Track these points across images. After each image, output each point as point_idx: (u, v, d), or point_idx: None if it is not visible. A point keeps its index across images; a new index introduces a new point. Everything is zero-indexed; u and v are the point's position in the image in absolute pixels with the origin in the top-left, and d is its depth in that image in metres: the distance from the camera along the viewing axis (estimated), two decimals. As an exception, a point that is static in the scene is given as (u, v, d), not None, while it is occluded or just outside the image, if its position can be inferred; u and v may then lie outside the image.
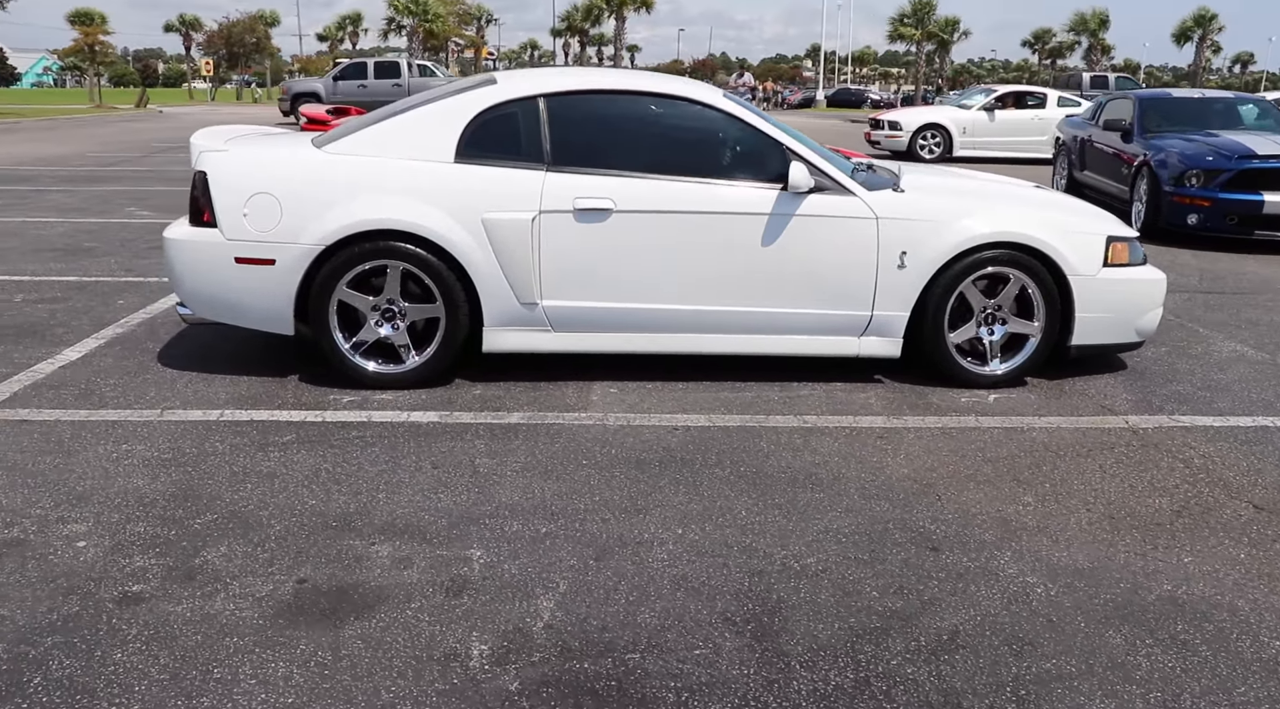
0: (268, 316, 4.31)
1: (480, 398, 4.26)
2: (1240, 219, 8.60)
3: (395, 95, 24.03)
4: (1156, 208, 9.09)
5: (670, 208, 4.27)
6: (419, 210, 4.17)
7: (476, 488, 3.33)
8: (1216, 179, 8.66)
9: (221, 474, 3.41)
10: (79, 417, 3.93)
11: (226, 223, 4.21)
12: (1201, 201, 8.72)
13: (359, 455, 3.59)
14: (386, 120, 4.39)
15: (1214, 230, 8.67)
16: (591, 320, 4.37)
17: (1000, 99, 18.18)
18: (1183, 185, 8.84)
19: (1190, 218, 8.78)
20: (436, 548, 2.90)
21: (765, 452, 3.73)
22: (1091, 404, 4.38)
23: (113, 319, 5.43)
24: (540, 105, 4.35)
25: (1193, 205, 8.78)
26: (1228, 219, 8.63)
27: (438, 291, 4.25)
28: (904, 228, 4.37)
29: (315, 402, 4.16)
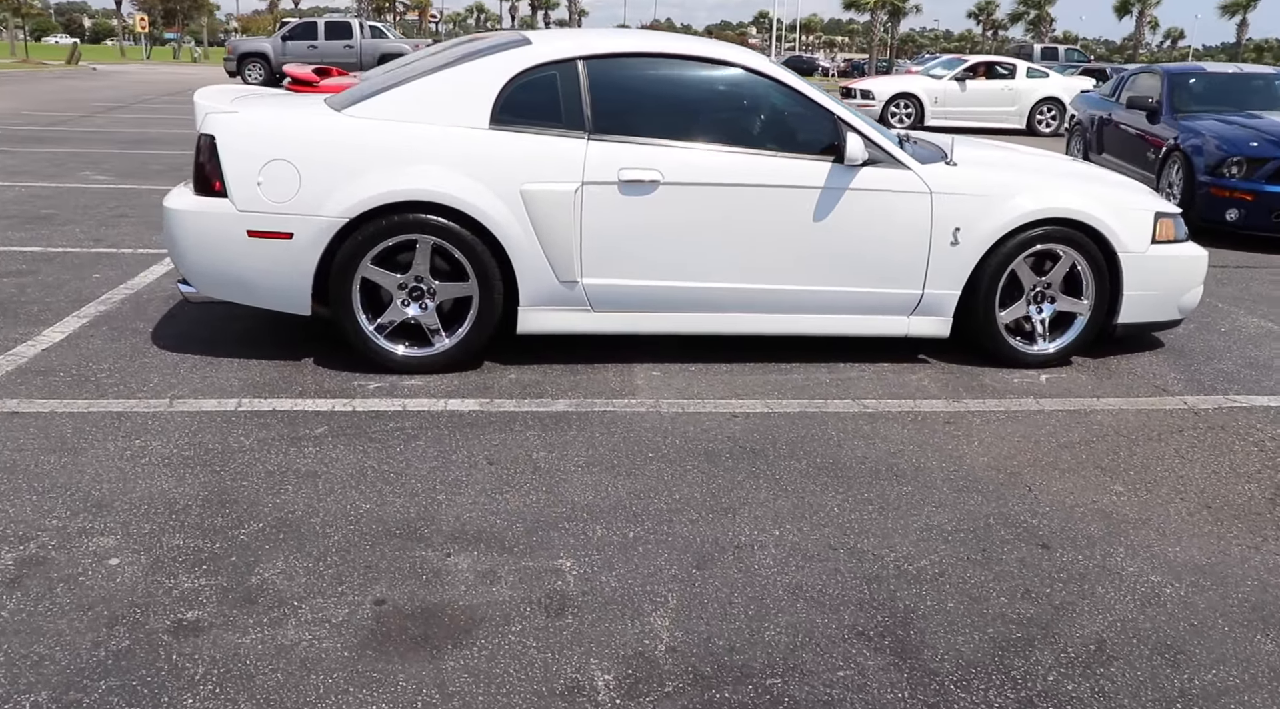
0: (283, 295, 3.96)
1: (518, 383, 3.98)
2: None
3: (347, 57, 23.18)
4: (1189, 199, 7.90)
5: (719, 181, 4.00)
6: (453, 180, 3.85)
7: (544, 487, 3.07)
8: (1261, 169, 7.48)
9: (255, 474, 3.09)
10: (78, 408, 3.55)
11: (238, 192, 3.83)
12: (1243, 195, 7.52)
13: (404, 450, 3.30)
14: (412, 82, 4.03)
15: (1257, 228, 7.56)
16: (634, 299, 4.10)
17: (971, 69, 18.16)
18: (1221, 175, 7.67)
19: (1230, 213, 7.61)
20: (520, 559, 2.64)
21: (835, 440, 3.52)
22: (1144, 384, 4.27)
23: (92, 294, 4.99)
24: (579, 68, 4.04)
25: (1233, 198, 7.59)
26: (1274, 216, 7.46)
27: (471, 268, 3.94)
28: (958, 203, 4.17)
29: (340, 388, 3.84)
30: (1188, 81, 9.41)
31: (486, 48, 4.22)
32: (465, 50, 4.35)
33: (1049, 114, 18.04)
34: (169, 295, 5.03)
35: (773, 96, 4.20)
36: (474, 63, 4.05)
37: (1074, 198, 4.27)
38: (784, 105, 4.19)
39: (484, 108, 3.94)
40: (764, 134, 4.19)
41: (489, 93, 3.96)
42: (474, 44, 4.43)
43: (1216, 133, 8.02)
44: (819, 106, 4.14)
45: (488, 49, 4.18)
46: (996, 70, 18.29)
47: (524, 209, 3.90)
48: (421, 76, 4.06)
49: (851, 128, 4.09)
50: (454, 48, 4.76)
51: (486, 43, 4.36)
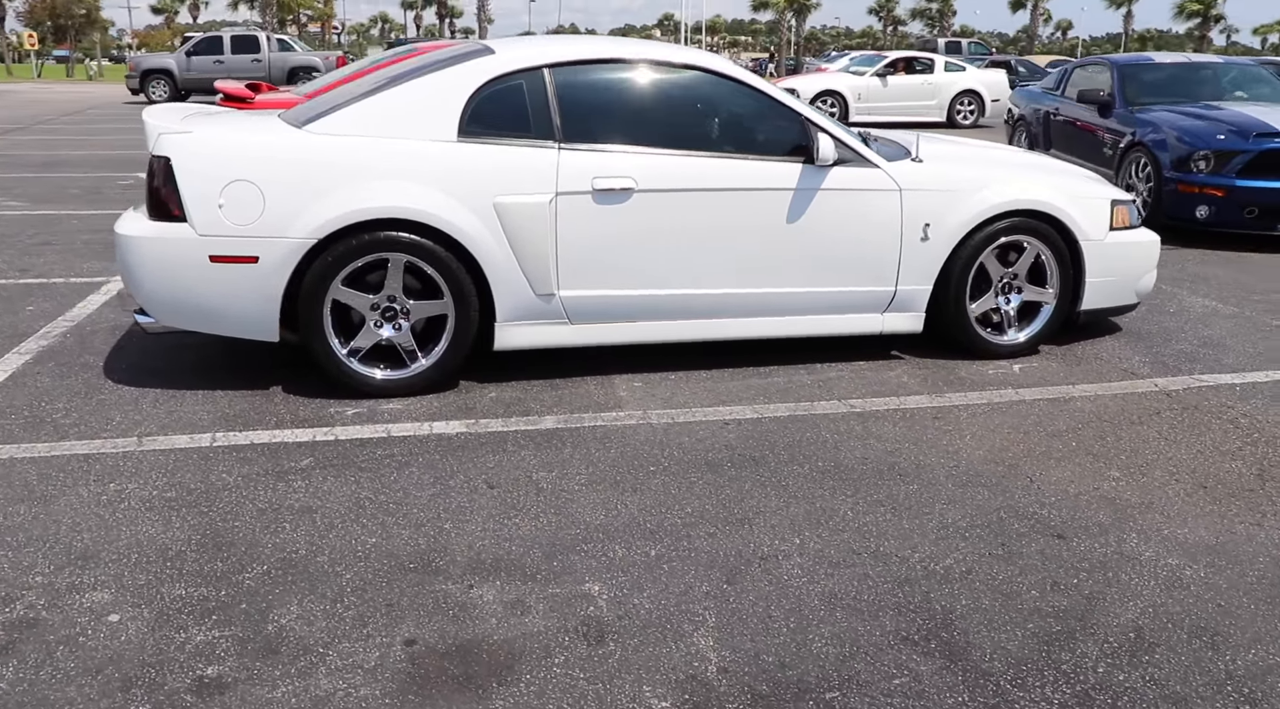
0: (249, 322, 3.78)
1: (499, 401, 3.87)
2: (1261, 211, 7.09)
3: (255, 71, 22.45)
4: (1156, 197, 7.54)
5: (693, 186, 3.97)
6: (425, 195, 3.72)
7: (552, 509, 2.98)
8: (1230, 163, 7.09)
9: (246, 513, 2.93)
10: (39, 452, 3.33)
11: (198, 216, 3.64)
12: (1213, 190, 7.14)
13: (398, 478, 3.17)
14: (373, 96, 3.89)
15: (1229, 225, 7.23)
16: (612, 310, 4.03)
17: (891, 65, 18.58)
18: (1189, 170, 7.27)
19: (1200, 210, 7.23)
20: (546, 585, 2.55)
21: (831, 442, 3.52)
22: (1113, 369, 4.38)
23: (29, 328, 4.70)
24: (546, 76, 3.95)
25: (1203, 195, 7.20)
26: (1245, 212, 7.11)
27: (445, 286, 3.82)
28: (926, 199, 4.22)
29: (316, 416, 3.68)
30: (1138, 73, 8.98)
31: (447, 58, 4.10)
32: (423, 62, 4.22)
33: (968, 107, 18.53)
34: (113, 326, 4.78)
35: (740, 99, 4.17)
36: (437, 74, 3.93)
37: (1037, 189, 4.36)
38: (751, 108, 4.17)
39: (451, 120, 3.83)
40: (734, 137, 4.17)
41: (455, 104, 3.85)
42: (432, 56, 4.31)
43: (1178, 126, 7.62)
44: (786, 108, 4.13)
45: (449, 60, 4.07)
46: (915, 66, 18.76)
47: (498, 222, 3.80)
48: (382, 90, 3.92)
49: (820, 128, 4.10)
50: (406, 61, 4.63)
51: (445, 54, 4.25)
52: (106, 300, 5.26)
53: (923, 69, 18.60)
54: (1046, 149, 9.79)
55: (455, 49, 4.33)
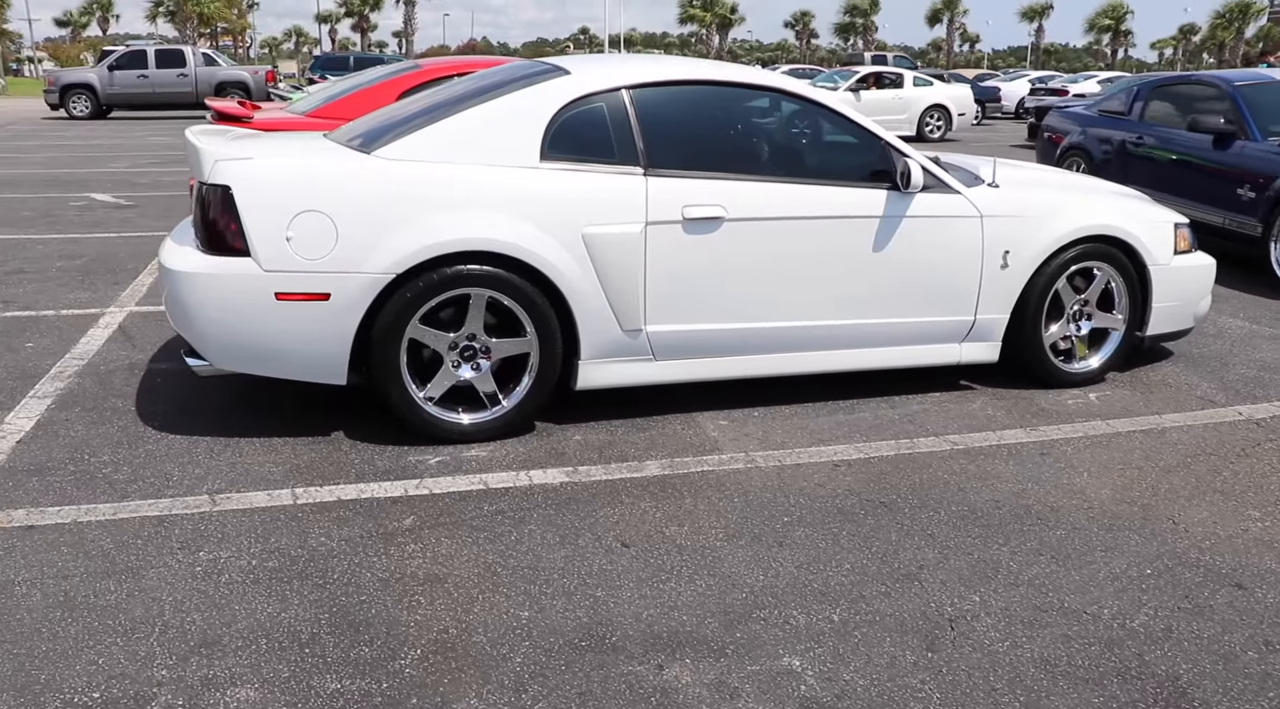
0: (318, 364, 3.46)
1: (588, 445, 3.62)
2: None
3: (181, 86, 21.57)
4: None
5: (782, 214, 3.79)
6: (511, 226, 3.46)
7: (703, 570, 2.75)
8: None
9: (368, 584, 2.63)
10: (103, 514, 2.96)
11: (264, 250, 3.32)
12: None
13: (520, 538, 2.90)
14: (447, 119, 3.61)
15: None
16: (698, 345, 3.82)
17: (863, 79, 18.92)
18: None
19: None
20: (741, 662, 2.33)
21: (954, 484, 3.37)
22: (1187, 396, 4.34)
23: (38, 369, 4.25)
24: (626, 98, 3.73)
25: None
26: None
27: (530, 322, 3.56)
28: (1006, 225, 4.13)
29: (397, 467, 3.38)
30: (1265, 96, 7.20)
31: (516, 79, 3.84)
32: (484, 83, 3.96)
33: (936, 120, 18.94)
34: (130, 365, 4.36)
35: (821, 123, 4.03)
36: (512, 95, 3.67)
37: (1110, 214, 4.31)
38: (833, 132, 4.02)
39: (532, 144, 3.58)
40: (818, 163, 4.01)
41: (536, 128, 3.60)
42: (495, 75, 4.04)
43: None
44: (867, 132, 4.00)
45: (520, 80, 3.81)
46: (885, 80, 19.12)
47: (586, 254, 3.56)
48: (454, 112, 3.64)
49: (903, 153, 3.98)
50: (452, 81, 4.36)
51: (505, 73, 3.99)
52: (110, 335, 4.83)
53: (892, 83, 18.98)
54: None
55: (515, 68, 4.08)
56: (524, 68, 4.05)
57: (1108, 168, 8.27)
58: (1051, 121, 9.81)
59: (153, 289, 5.81)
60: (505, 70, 4.13)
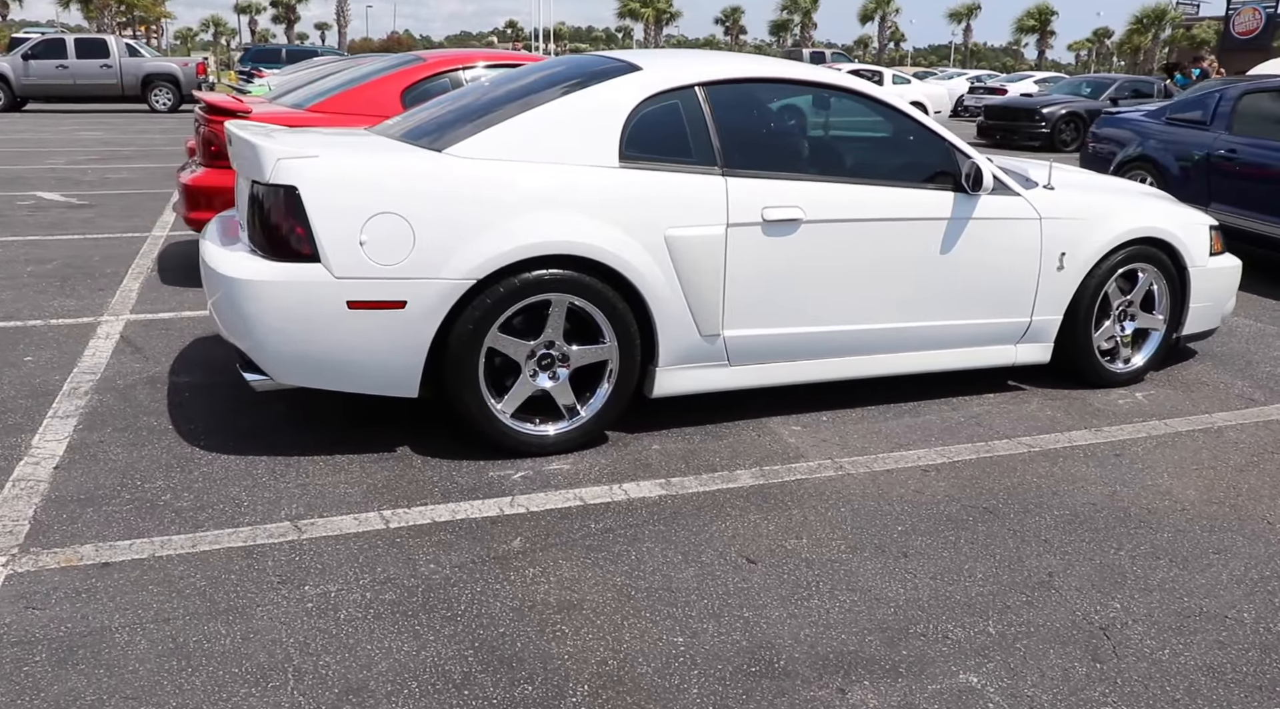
0: (390, 376, 3.27)
1: (669, 454, 3.50)
2: None
3: (105, 78, 20.56)
4: None
5: (857, 216, 3.73)
6: (595, 229, 3.32)
7: (842, 585, 2.66)
8: None
9: (501, 615, 2.47)
10: (182, 547, 2.73)
11: (335, 255, 3.11)
12: None
13: (642, 557, 2.77)
14: (520, 116, 3.44)
15: None
16: (773, 350, 3.73)
17: None
18: None
19: None
20: (920, 681, 2.25)
21: (1046, 488, 3.35)
22: (1228, 395, 4.42)
23: (48, 385, 3.93)
24: (700, 95, 3.62)
25: None
26: None
27: (610, 329, 3.42)
28: (1063, 227, 4.14)
29: (481, 483, 3.21)
30: None
31: (583, 74, 3.69)
32: (544, 76, 3.80)
33: None
34: (150, 378, 4.07)
35: (890, 124, 3.97)
36: (585, 92, 3.52)
37: (1156, 217, 4.36)
38: (901, 133, 3.97)
39: (611, 143, 3.44)
40: (886, 164, 3.96)
41: (613, 126, 3.46)
42: (555, 68, 3.88)
43: None
44: (933, 133, 3.96)
45: (587, 75, 3.66)
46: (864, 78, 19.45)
47: (668, 257, 3.44)
48: (526, 109, 3.48)
49: (968, 155, 3.95)
50: (504, 76, 4.18)
51: (572, 68, 3.83)
52: (115, 346, 4.51)
53: (872, 80, 19.25)
54: (1207, 203, 7.06)
55: (578, 62, 3.92)
56: (588, 62, 3.89)
57: (1186, 184, 7.34)
58: (1105, 131, 8.74)
59: (144, 296, 5.47)
60: (567, 64, 3.97)
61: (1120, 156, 8.18)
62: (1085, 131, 18.46)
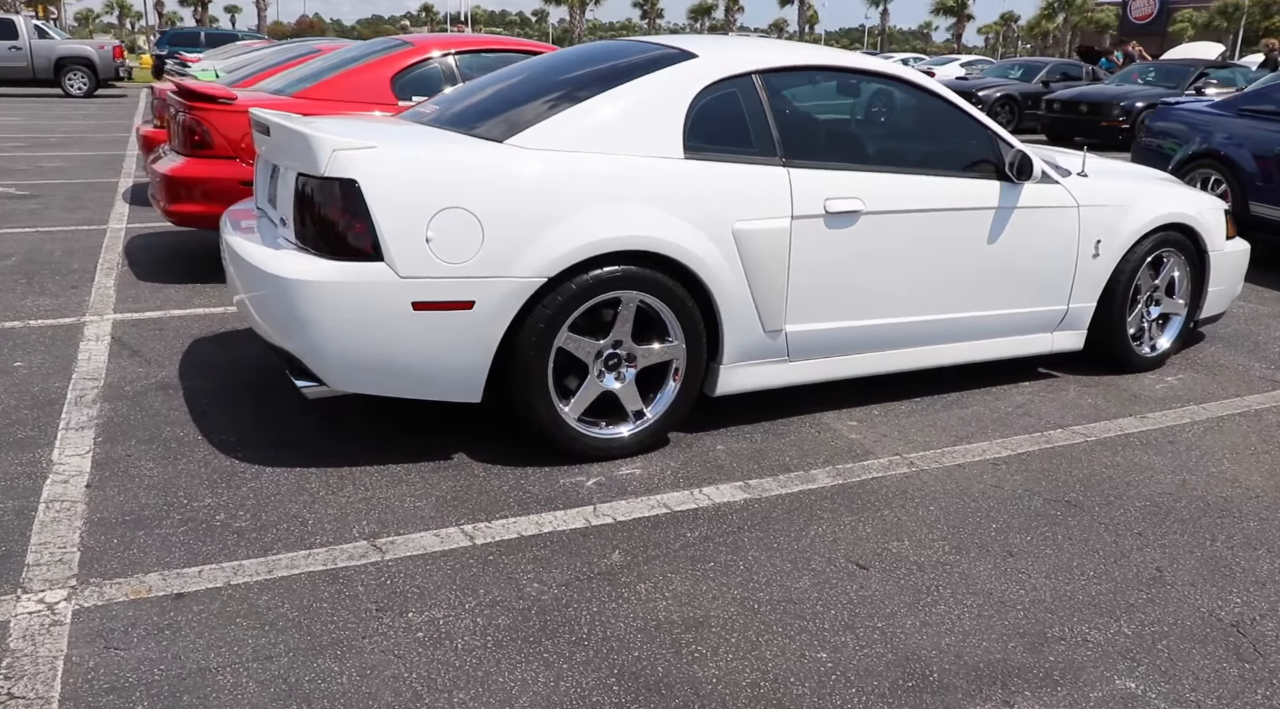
0: (453, 381, 3.08)
1: (736, 454, 3.39)
2: None
3: (14, 60, 19.38)
4: None
5: (914, 206, 3.65)
6: (666, 223, 3.18)
7: (960, 587, 2.59)
8: None
9: (630, 637, 2.33)
10: (257, 574, 2.50)
11: (400, 253, 2.90)
12: None
13: (749, 567, 2.65)
14: (578, 105, 3.26)
15: None
16: (833, 344, 3.65)
17: None
18: None
19: None
20: (1081, 689, 2.18)
21: (1117, 478, 3.34)
22: (1253, 378, 4.48)
23: (50, 393, 3.62)
24: (757, 84, 3.49)
25: None
26: None
27: (679, 326, 3.29)
28: (1099, 214, 4.14)
29: (555, 492, 3.04)
30: None
31: (635, 61, 3.53)
32: (596, 65, 3.62)
33: None
34: (160, 384, 3.79)
35: (938, 113, 3.89)
36: (644, 80, 3.36)
37: (1181, 202, 4.40)
38: (948, 122, 3.89)
39: (674, 133, 3.29)
40: (936, 154, 3.88)
41: (675, 116, 3.31)
42: (593, 49, 3.70)
43: None
44: (978, 123, 3.91)
45: (642, 63, 3.49)
46: None
47: (735, 251, 3.31)
48: (584, 98, 3.30)
49: (1012, 144, 3.91)
50: (538, 61, 3.99)
51: (621, 53, 3.66)
52: (109, 349, 4.20)
53: None
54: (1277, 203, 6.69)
55: (624, 47, 3.74)
56: (634, 49, 3.72)
57: (1267, 182, 6.74)
58: (1162, 124, 7.88)
59: (124, 294, 5.12)
60: (611, 50, 3.78)
61: (1182, 153, 7.44)
62: (1020, 114, 18.94)
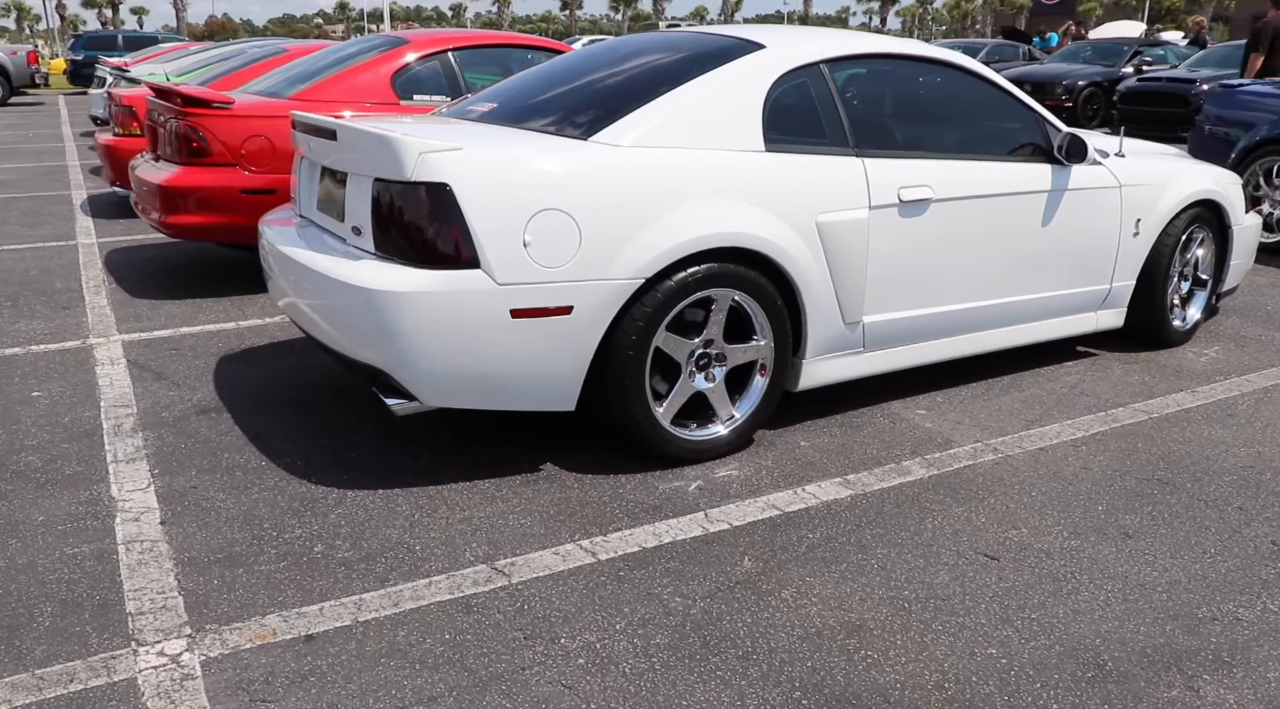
0: (549, 390, 2.96)
1: (821, 449, 3.34)
2: None
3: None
4: None
5: (977, 192, 3.65)
6: (757, 218, 3.11)
7: (1096, 573, 2.58)
8: None
9: (796, 647, 2.26)
10: (382, 608, 2.37)
11: (498, 260, 2.77)
12: None
13: (883, 564, 2.60)
14: (657, 99, 3.15)
15: None
16: (905, 333, 3.62)
17: None
18: None
19: None
20: (1259, 669, 2.18)
21: (1196, 455, 3.37)
22: (1278, 348, 4.61)
23: (82, 423, 3.39)
24: (825, 73, 3.44)
25: None
26: None
27: (767, 323, 3.22)
28: (1139, 194, 4.20)
29: (660, 500, 2.95)
30: None
31: (701, 52, 3.43)
32: (656, 56, 3.53)
33: None
34: (198, 409, 3.59)
35: (992, 99, 3.88)
36: (719, 72, 3.26)
37: (1209, 180, 4.48)
38: (1001, 108, 3.89)
39: (754, 126, 3.22)
40: (991, 139, 3.87)
41: (754, 107, 3.24)
42: (655, 39, 3.60)
43: None
44: (1027, 107, 3.92)
45: (709, 54, 3.40)
46: None
47: (819, 244, 3.26)
48: (660, 91, 3.19)
49: (1059, 128, 3.94)
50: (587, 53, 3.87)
51: (684, 44, 3.56)
52: (128, 372, 3.96)
53: None
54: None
55: (683, 39, 3.64)
56: (700, 39, 3.60)
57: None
58: (1222, 110, 7.15)
59: (122, 313, 4.85)
60: (674, 41, 3.65)
61: (1248, 139, 6.81)
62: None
